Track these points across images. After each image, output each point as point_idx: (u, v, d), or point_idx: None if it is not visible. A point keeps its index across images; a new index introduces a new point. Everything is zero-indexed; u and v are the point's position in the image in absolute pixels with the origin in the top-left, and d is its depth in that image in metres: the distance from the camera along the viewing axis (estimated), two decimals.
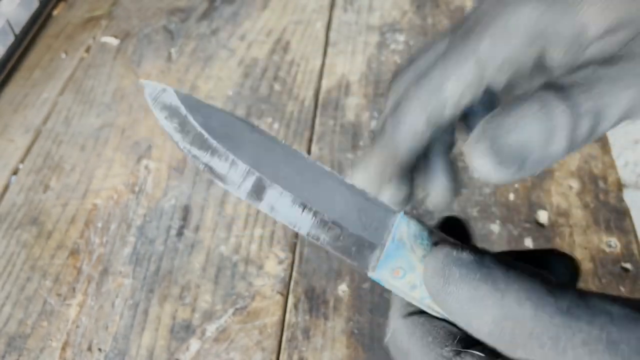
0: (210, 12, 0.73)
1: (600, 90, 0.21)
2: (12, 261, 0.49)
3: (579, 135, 0.21)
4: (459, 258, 0.20)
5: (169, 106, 0.24)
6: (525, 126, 0.21)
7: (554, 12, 0.22)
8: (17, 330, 0.45)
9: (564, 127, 0.20)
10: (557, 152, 0.21)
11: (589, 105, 0.20)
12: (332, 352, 0.42)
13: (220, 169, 0.23)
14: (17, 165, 0.57)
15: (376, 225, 0.24)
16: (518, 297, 0.18)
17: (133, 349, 0.43)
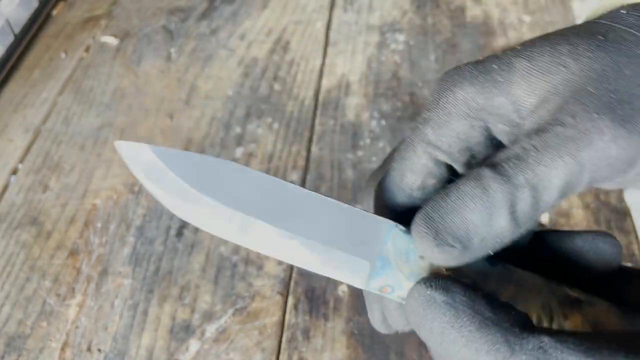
0: (210, 11, 0.73)
1: (533, 161, 0.21)
2: (12, 261, 0.49)
3: (520, 209, 0.21)
4: (431, 298, 0.21)
5: (146, 164, 0.24)
6: (463, 206, 0.21)
7: (488, 90, 0.23)
8: (16, 331, 0.45)
9: (502, 203, 0.21)
10: (503, 230, 0.21)
11: (524, 178, 0.21)
12: (332, 352, 0.42)
13: (205, 217, 0.23)
14: (16, 165, 0.57)
15: (364, 239, 0.24)
16: (479, 349, 0.20)
17: (132, 350, 0.43)
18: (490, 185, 0.21)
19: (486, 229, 0.21)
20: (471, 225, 0.21)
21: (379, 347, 0.42)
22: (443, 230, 0.21)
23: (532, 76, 0.23)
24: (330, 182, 0.53)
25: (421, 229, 0.22)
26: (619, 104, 0.21)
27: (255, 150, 0.56)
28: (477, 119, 0.24)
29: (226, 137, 0.58)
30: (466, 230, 0.21)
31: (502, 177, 0.21)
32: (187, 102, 0.62)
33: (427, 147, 0.25)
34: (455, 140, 0.25)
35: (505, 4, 0.70)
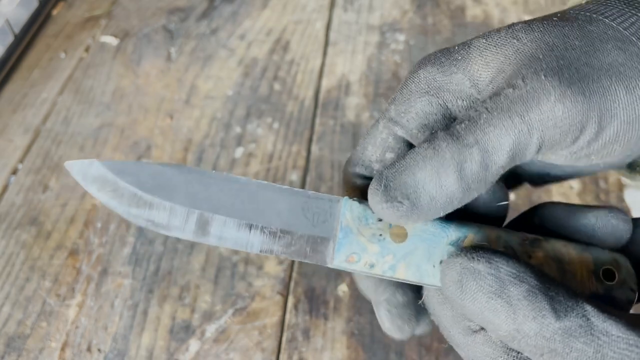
0: (209, 11, 0.73)
1: (483, 122, 0.22)
2: (12, 261, 0.49)
3: (469, 169, 0.22)
4: (475, 270, 0.21)
5: (97, 178, 0.24)
6: (414, 165, 0.22)
7: (447, 68, 0.25)
8: (16, 331, 0.45)
9: (449, 161, 0.22)
10: (452, 190, 0.22)
11: (473, 138, 0.22)
12: (332, 352, 0.42)
13: (162, 220, 0.24)
14: (16, 165, 0.57)
15: (323, 218, 0.25)
16: (526, 315, 0.20)
17: (132, 350, 0.43)
18: (440, 145, 0.22)
19: (435, 188, 0.22)
20: (420, 183, 0.22)
21: (379, 347, 0.42)
22: (392, 188, 0.22)
23: (487, 50, 0.24)
24: (330, 182, 0.53)
25: (373, 185, 0.23)
26: (567, 68, 0.22)
27: (255, 150, 0.56)
28: (435, 97, 0.25)
29: (226, 137, 0.58)
30: (415, 188, 0.22)
31: (452, 137, 0.22)
32: (187, 102, 0.62)
33: (387, 123, 0.27)
34: (413, 117, 0.26)
35: (505, 4, 0.70)
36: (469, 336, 0.24)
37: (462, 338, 0.24)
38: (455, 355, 0.42)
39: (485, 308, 0.21)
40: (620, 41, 0.23)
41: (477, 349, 0.23)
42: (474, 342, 0.24)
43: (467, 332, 0.24)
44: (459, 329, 0.24)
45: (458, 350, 0.25)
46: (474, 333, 0.24)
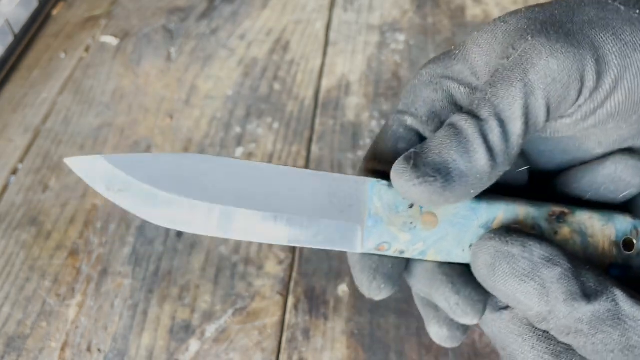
0: (209, 11, 0.73)
1: (491, 95, 0.23)
2: (11, 261, 0.49)
3: (493, 140, 0.22)
4: (509, 254, 0.22)
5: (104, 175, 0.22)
6: (440, 145, 0.23)
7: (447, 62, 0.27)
8: (16, 331, 0.45)
9: (474, 135, 0.22)
10: (482, 165, 0.22)
11: (486, 111, 0.22)
12: (332, 352, 0.42)
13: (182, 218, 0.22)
14: (16, 165, 0.57)
15: (349, 202, 0.24)
16: (558, 298, 0.21)
17: (132, 350, 0.43)
18: (459, 124, 0.23)
19: (464, 163, 0.22)
20: (449, 159, 0.22)
21: (379, 347, 0.42)
22: (422, 164, 0.22)
23: (480, 39, 0.26)
24: None
25: (398, 166, 0.22)
26: (552, 27, 0.23)
27: (255, 150, 0.56)
28: (439, 85, 0.27)
29: (226, 137, 0.58)
30: (445, 164, 0.22)
31: (468, 115, 0.23)
32: (187, 102, 0.62)
33: (396, 115, 0.28)
34: (420, 104, 0.27)
35: (505, 4, 0.70)
36: (494, 312, 0.24)
37: (487, 314, 0.24)
38: (456, 355, 0.42)
39: (517, 290, 0.22)
40: (597, 3, 0.24)
41: (502, 326, 0.24)
42: (500, 318, 0.24)
43: (494, 309, 0.24)
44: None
45: (482, 325, 0.25)
46: (500, 310, 0.24)
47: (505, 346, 0.24)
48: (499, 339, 0.24)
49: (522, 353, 0.23)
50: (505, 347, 0.24)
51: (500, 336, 0.24)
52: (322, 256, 0.48)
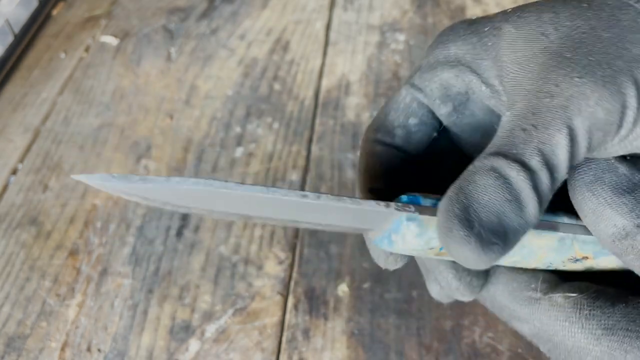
0: (209, 11, 0.73)
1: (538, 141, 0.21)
2: (11, 261, 0.49)
3: (543, 191, 0.21)
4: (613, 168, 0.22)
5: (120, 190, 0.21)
6: (493, 200, 0.20)
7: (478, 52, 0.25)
8: (16, 331, 0.45)
9: (527, 189, 0.21)
10: (532, 212, 0.21)
11: (536, 161, 0.21)
12: (332, 352, 0.42)
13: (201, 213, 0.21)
14: (16, 165, 0.57)
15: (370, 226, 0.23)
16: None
17: (132, 350, 0.43)
18: (512, 176, 0.21)
19: (518, 221, 0.21)
20: (506, 219, 0.20)
21: (379, 347, 0.42)
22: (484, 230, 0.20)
23: (517, 44, 0.24)
24: (330, 182, 0.53)
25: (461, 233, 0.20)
26: (599, 65, 0.22)
27: (255, 150, 0.56)
28: (462, 73, 0.25)
29: (226, 137, 0.58)
30: (502, 226, 0.20)
31: (519, 165, 0.21)
32: (187, 102, 0.62)
33: (410, 89, 0.27)
34: (437, 86, 0.26)
35: (505, 4, 0.70)
36: (532, 306, 0.24)
37: (525, 310, 0.24)
38: (456, 355, 0.42)
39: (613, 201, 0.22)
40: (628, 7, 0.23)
41: (543, 316, 0.23)
42: (539, 310, 0.23)
43: (530, 302, 0.24)
44: (520, 302, 0.24)
45: (519, 325, 0.25)
46: (537, 301, 0.23)
47: (551, 336, 0.23)
48: (543, 331, 0.23)
49: (572, 336, 0.22)
50: (552, 337, 0.23)
51: (543, 328, 0.23)
52: (322, 256, 0.48)
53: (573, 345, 0.23)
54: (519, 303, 0.24)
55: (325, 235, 0.49)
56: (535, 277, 0.24)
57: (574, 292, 0.23)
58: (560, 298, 0.23)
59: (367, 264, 0.47)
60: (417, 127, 0.27)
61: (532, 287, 0.24)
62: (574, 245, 0.25)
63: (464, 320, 0.43)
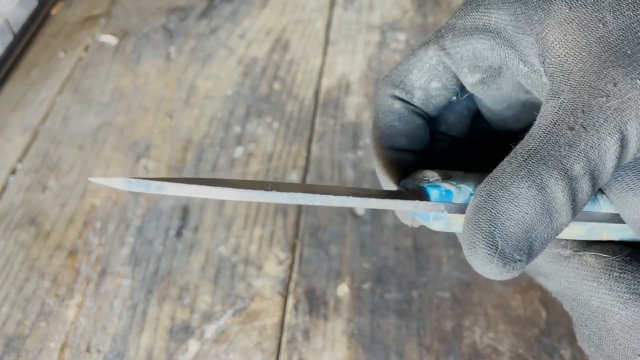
0: (209, 10, 0.73)
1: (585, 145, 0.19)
2: (11, 262, 0.49)
3: (581, 197, 0.20)
4: None
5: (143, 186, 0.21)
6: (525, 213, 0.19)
7: (522, 25, 0.22)
8: (15, 331, 0.44)
9: (563, 201, 0.19)
10: (564, 221, 0.20)
11: (580, 167, 0.19)
12: (332, 353, 0.42)
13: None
14: (15, 165, 0.57)
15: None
16: None
17: (132, 350, 0.43)
18: (547, 184, 0.19)
19: (547, 231, 0.20)
20: (533, 233, 0.19)
21: (379, 348, 0.42)
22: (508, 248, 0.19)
23: (569, 26, 0.21)
24: (331, 182, 0.53)
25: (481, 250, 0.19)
26: None
27: (255, 149, 0.56)
28: (500, 47, 0.23)
29: (226, 137, 0.58)
30: (529, 240, 0.19)
31: (558, 172, 0.19)
32: (186, 102, 0.62)
33: (439, 51, 0.24)
34: (469, 55, 0.24)
35: None
36: (560, 263, 0.23)
37: (552, 266, 0.23)
38: (456, 355, 0.41)
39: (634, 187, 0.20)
40: None
41: (571, 274, 0.22)
42: (568, 267, 0.22)
43: (558, 259, 0.23)
44: (548, 258, 0.23)
45: (545, 282, 0.24)
46: (566, 259, 0.23)
47: (576, 295, 0.22)
48: (568, 289, 0.23)
49: (598, 297, 0.22)
50: (577, 296, 0.22)
51: (569, 286, 0.23)
52: (322, 256, 0.48)
53: (598, 306, 0.22)
54: (547, 259, 0.23)
55: (325, 235, 0.49)
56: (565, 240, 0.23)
57: (606, 253, 0.22)
58: (591, 257, 0.22)
59: (367, 264, 0.47)
60: (437, 91, 0.25)
61: (561, 244, 0.23)
62: (604, 233, 0.24)
63: (465, 320, 0.43)
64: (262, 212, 0.51)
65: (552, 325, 0.42)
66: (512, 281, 0.44)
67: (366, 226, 0.49)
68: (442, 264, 0.46)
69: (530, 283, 0.44)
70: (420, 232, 0.48)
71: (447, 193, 0.22)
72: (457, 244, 0.47)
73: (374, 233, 0.49)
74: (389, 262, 0.47)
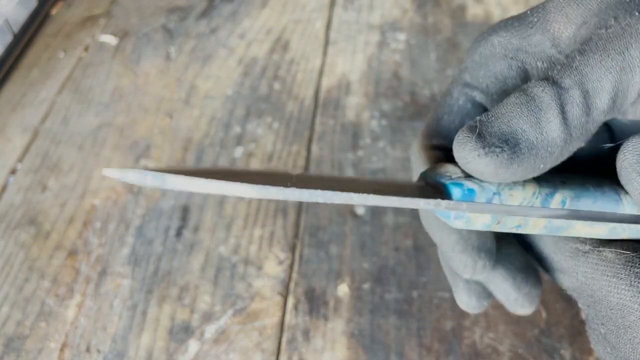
0: (209, 10, 0.73)
1: (579, 63, 0.20)
2: (10, 262, 0.49)
3: (572, 111, 0.20)
4: None
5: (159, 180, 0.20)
6: (509, 113, 0.20)
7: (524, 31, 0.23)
8: (15, 331, 0.44)
9: (550, 104, 0.20)
10: (554, 137, 0.20)
11: (571, 80, 0.20)
12: (332, 353, 0.42)
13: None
14: (15, 165, 0.57)
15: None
16: None
17: (132, 350, 0.43)
18: (536, 92, 0.20)
19: (535, 134, 0.20)
20: (519, 129, 0.20)
21: (379, 348, 0.42)
22: (488, 134, 0.20)
23: (568, 7, 0.22)
24: None
25: (462, 135, 0.20)
26: None
27: (255, 149, 0.56)
28: (514, 59, 0.24)
29: (226, 137, 0.58)
30: (513, 134, 0.20)
31: (547, 82, 0.20)
32: (186, 102, 0.62)
33: (463, 89, 0.25)
34: (492, 81, 0.24)
35: (506, 3, 0.70)
36: (578, 258, 0.23)
37: (570, 262, 0.23)
38: (457, 356, 0.41)
39: None
40: None
41: (589, 269, 0.22)
42: (587, 262, 0.22)
43: (576, 255, 0.23)
44: (566, 253, 0.23)
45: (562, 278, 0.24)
46: (585, 254, 0.22)
47: (594, 291, 0.22)
48: (586, 285, 0.22)
49: (618, 293, 0.21)
50: (595, 292, 0.22)
51: (587, 282, 0.22)
52: (322, 256, 0.47)
53: (617, 302, 0.22)
54: (564, 254, 0.23)
55: (325, 235, 0.49)
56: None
57: (626, 249, 0.22)
58: (610, 253, 0.22)
59: (367, 264, 0.47)
60: None
61: (580, 240, 0.23)
62: (624, 233, 0.24)
63: (465, 320, 0.43)
64: (262, 212, 0.51)
65: (552, 325, 0.42)
66: None
67: (366, 226, 0.49)
68: None
69: None
70: (420, 232, 0.48)
71: (470, 192, 0.22)
72: None
73: (374, 233, 0.48)
74: (389, 262, 0.47)
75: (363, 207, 0.50)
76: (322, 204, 0.51)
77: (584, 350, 0.41)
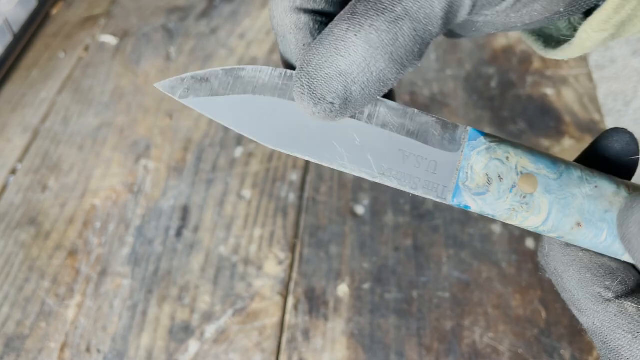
0: (209, 10, 0.73)
1: None
2: (11, 262, 0.49)
3: (401, 46, 0.19)
4: None
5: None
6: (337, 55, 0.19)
7: None
8: (15, 331, 0.44)
9: (378, 43, 0.19)
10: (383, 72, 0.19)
11: (401, 8, 0.19)
12: (332, 353, 0.42)
13: None
14: (15, 165, 0.57)
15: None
16: None
17: (132, 350, 0.43)
18: (363, 24, 0.19)
19: (365, 76, 0.19)
20: (348, 75, 0.19)
21: (379, 348, 0.42)
22: (319, 87, 0.20)
23: None
24: (331, 182, 0.53)
25: (297, 89, 0.20)
26: None
27: (255, 150, 0.56)
28: None
29: (225, 137, 0.58)
30: (344, 83, 0.19)
31: (376, 11, 0.19)
32: None
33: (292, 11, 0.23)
34: None
35: None
36: (599, 304, 0.22)
37: (589, 304, 0.22)
38: (456, 356, 0.41)
39: None
40: None
41: (606, 318, 0.22)
42: (606, 311, 0.22)
43: (597, 300, 0.22)
44: (587, 295, 0.22)
45: (579, 315, 0.23)
46: (606, 302, 0.22)
47: (608, 340, 0.22)
48: (601, 332, 0.22)
49: (630, 350, 0.21)
50: (608, 342, 0.22)
51: (603, 330, 0.22)
52: (322, 256, 0.47)
53: (628, 358, 0.21)
54: (585, 296, 0.22)
55: (325, 235, 0.49)
56: (614, 276, 0.23)
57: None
58: (632, 307, 0.21)
59: (367, 264, 0.47)
60: None
61: (605, 285, 0.22)
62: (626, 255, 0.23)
63: (465, 320, 0.43)
64: (262, 212, 0.51)
65: (552, 325, 0.42)
66: (512, 281, 0.44)
67: (366, 226, 0.49)
68: (442, 264, 0.46)
69: (530, 283, 0.44)
70: (420, 232, 0.48)
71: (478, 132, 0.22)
72: (457, 244, 0.47)
73: (374, 233, 0.49)
74: (389, 262, 0.47)
75: (363, 207, 0.50)
76: (321, 203, 0.51)
77: (583, 350, 0.41)
